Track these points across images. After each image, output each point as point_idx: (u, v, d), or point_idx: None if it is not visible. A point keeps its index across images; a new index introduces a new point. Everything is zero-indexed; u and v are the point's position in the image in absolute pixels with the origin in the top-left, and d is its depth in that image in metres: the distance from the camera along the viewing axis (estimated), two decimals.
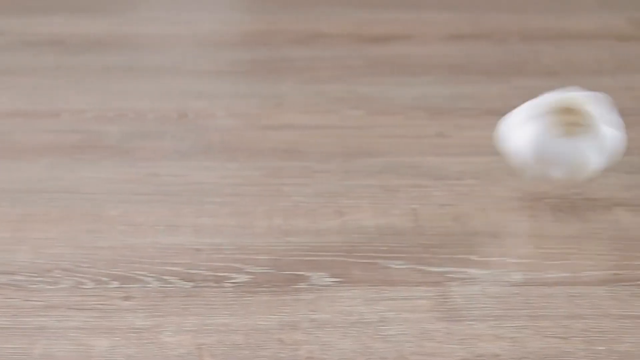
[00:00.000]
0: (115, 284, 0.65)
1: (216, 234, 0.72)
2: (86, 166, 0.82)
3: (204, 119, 0.92)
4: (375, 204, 0.76)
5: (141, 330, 0.61)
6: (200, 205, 0.76)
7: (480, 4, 1.19)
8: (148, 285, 0.66)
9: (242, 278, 0.67)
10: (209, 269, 0.68)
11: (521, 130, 0.70)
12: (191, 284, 0.66)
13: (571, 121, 0.70)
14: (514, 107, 0.90)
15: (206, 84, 0.99)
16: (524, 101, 0.91)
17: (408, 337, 0.60)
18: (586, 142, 0.71)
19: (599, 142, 0.70)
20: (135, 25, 1.14)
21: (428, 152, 0.84)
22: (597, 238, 0.71)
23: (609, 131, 0.71)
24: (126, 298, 0.63)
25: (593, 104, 0.71)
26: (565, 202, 0.76)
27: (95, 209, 0.75)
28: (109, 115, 0.92)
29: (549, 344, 0.60)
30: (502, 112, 0.92)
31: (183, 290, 0.65)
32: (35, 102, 0.95)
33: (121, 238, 0.72)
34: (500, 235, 0.71)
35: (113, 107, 0.94)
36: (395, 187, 0.78)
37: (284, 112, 0.93)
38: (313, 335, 0.61)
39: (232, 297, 0.64)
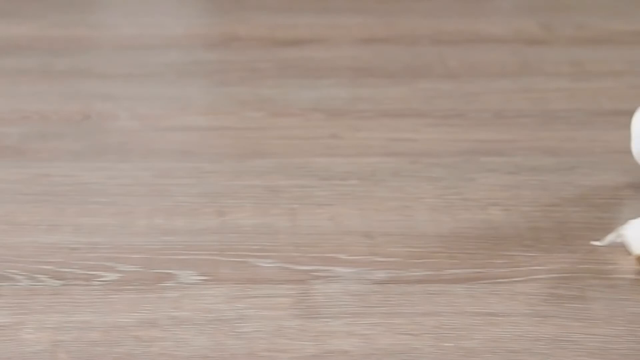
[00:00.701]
0: None
1: (95, 233, 0.73)
2: None
3: (106, 120, 0.93)
4: (256, 204, 0.77)
5: (3, 327, 0.62)
6: (84, 205, 0.77)
7: (395, 8, 1.21)
8: (18, 284, 0.67)
9: (112, 276, 0.68)
10: (81, 268, 0.69)
11: None
12: (61, 282, 0.67)
13: None
14: (412, 108, 0.92)
15: (115, 87, 1.00)
16: (422, 103, 0.93)
17: (262, 334, 0.62)
18: None
19: None
20: (51, 29, 1.15)
21: (319, 153, 0.85)
22: (467, 237, 0.73)
23: None
24: None
25: None
26: (443, 202, 0.77)
27: None
28: (12, 117, 0.93)
29: (399, 341, 0.61)
30: (399, 113, 0.94)
31: (51, 288, 0.67)
32: None
33: (1, 237, 0.73)
34: (373, 234, 0.73)
35: (18, 109, 0.95)
36: (279, 188, 0.80)
37: (186, 114, 0.94)
38: (170, 332, 0.62)
39: (98, 295, 0.66)
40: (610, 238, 0.70)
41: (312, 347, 0.60)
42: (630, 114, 0.91)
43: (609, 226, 0.73)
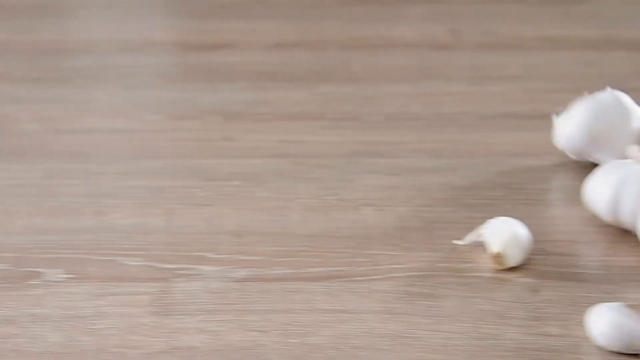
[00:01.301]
0: None
1: None
2: None
3: (7, 123, 0.94)
4: (136, 204, 0.79)
5: None
6: None
7: (310, 15, 1.22)
8: None
9: None
10: None
11: None
12: None
13: None
14: (308, 111, 0.94)
15: (22, 91, 1.01)
16: (319, 106, 0.95)
17: (115, 331, 0.63)
18: None
19: None
20: None
21: (208, 155, 0.87)
22: (335, 237, 0.74)
23: None
24: None
25: None
26: (319, 203, 0.79)
27: None
28: None
29: (247, 337, 0.63)
30: (294, 116, 0.95)
31: None
32: None
33: None
34: (243, 234, 0.74)
35: None
36: (162, 188, 0.81)
37: (87, 117, 0.96)
38: (26, 329, 0.63)
39: None
40: (470, 237, 0.72)
41: (162, 344, 0.62)
42: (519, 116, 0.93)
43: (477, 226, 0.74)
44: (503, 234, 0.70)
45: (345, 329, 0.64)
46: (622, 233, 0.73)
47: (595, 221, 0.75)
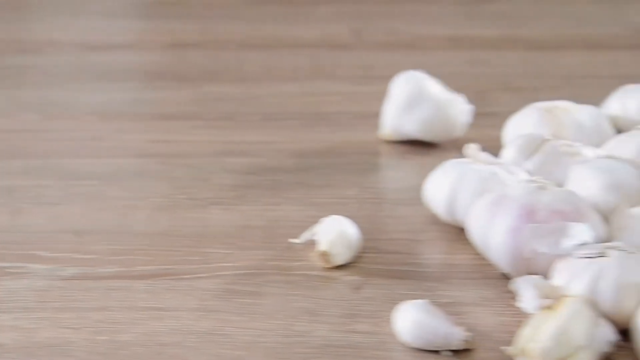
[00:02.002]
0: None
1: None
2: None
3: None
4: None
5: None
6: None
7: (213, 13, 1.23)
8: None
9: None
10: None
11: None
12: None
13: None
14: (188, 111, 0.94)
15: None
16: (201, 106, 0.95)
17: None
18: None
19: None
20: None
21: (73, 155, 0.87)
22: (175, 235, 0.75)
23: None
24: None
25: None
26: (168, 202, 0.79)
27: None
28: None
29: (58, 334, 0.63)
30: (173, 116, 0.96)
31: None
32: None
33: None
34: (85, 233, 0.75)
35: None
36: (16, 187, 0.81)
37: None
38: None
39: None
40: (305, 236, 0.72)
41: None
42: None
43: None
44: (330, 233, 0.70)
45: (157, 326, 0.64)
46: (460, 231, 0.73)
47: (434, 220, 0.76)
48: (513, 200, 0.68)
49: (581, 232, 0.65)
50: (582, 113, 0.83)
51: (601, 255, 0.63)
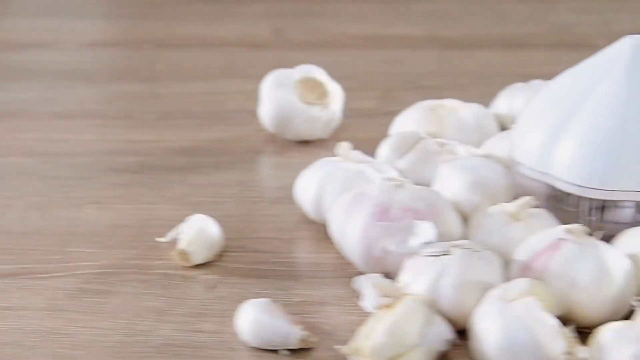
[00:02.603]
0: None
1: None
2: None
3: None
4: None
5: None
6: None
7: (136, 12, 1.23)
8: None
9: None
10: None
11: None
12: None
13: None
14: (89, 110, 0.94)
15: None
16: (103, 105, 0.95)
17: None
18: None
19: None
20: None
21: None
22: (43, 234, 0.74)
23: None
24: None
25: None
26: (44, 201, 0.79)
27: None
28: None
29: None
30: (73, 115, 0.95)
31: None
32: None
33: None
34: None
35: None
36: None
37: None
38: None
39: None
40: (171, 234, 0.71)
41: None
42: None
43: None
44: (190, 232, 0.70)
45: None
46: (327, 230, 0.72)
47: (306, 219, 0.75)
48: (369, 199, 0.67)
49: (426, 231, 0.64)
50: (466, 112, 0.82)
51: (445, 253, 0.62)
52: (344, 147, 0.74)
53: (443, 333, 0.59)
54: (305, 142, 0.88)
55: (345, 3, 1.27)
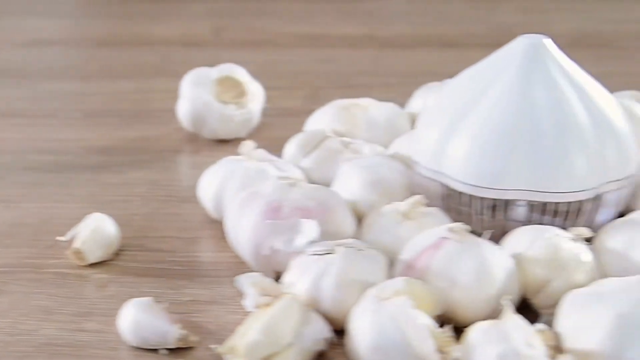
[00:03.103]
0: None
1: None
2: None
3: None
4: None
5: None
6: None
7: (80, 11, 1.23)
8: None
9: None
10: None
11: None
12: None
13: None
14: (14, 109, 0.94)
15: None
16: (29, 103, 0.95)
17: None
18: None
19: None
20: None
21: None
22: None
23: None
24: None
25: None
26: None
27: None
28: None
29: None
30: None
31: None
32: None
33: None
34: None
35: None
36: None
37: None
38: None
39: None
40: (70, 233, 0.71)
41: None
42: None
43: None
44: (85, 231, 0.69)
45: None
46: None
47: (208, 218, 0.75)
48: (261, 197, 0.67)
49: (311, 229, 0.64)
50: (379, 111, 0.82)
51: (329, 252, 0.62)
52: (247, 145, 0.74)
53: (320, 332, 0.59)
54: (224, 141, 0.87)
55: (289, 2, 1.27)
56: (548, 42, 0.68)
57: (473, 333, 0.55)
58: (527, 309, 0.61)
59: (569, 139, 0.65)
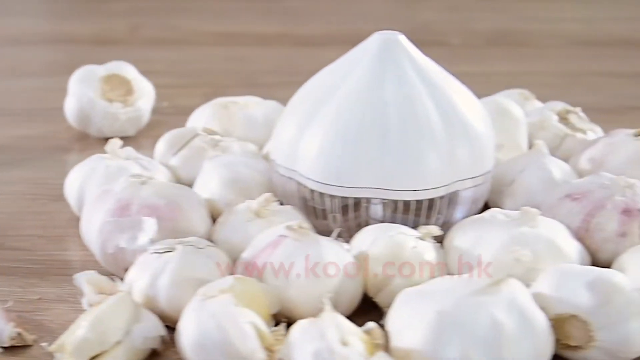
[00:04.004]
0: None
1: None
2: None
3: None
4: None
5: None
6: None
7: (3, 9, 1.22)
8: None
9: None
10: None
11: None
12: None
13: None
14: None
15: None
16: None
17: None
18: None
19: None
20: None
21: None
22: None
23: None
24: None
25: None
26: None
27: None
28: None
29: None
30: None
31: None
32: None
33: None
34: None
35: None
36: None
37: None
38: None
39: None
40: None
41: None
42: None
43: None
44: None
45: None
46: None
47: (75, 216, 0.74)
48: (112, 196, 0.66)
49: (150, 227, 0.63)
50: (258, 109, 0.82)
51: (169, 250, 0.61)
52: (112, 143, 0.74)
53: (152, 330, 0.58)
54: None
55: (207, 0, 1.26)
56: (403, 39, 0.67)
57: (294, 331, 0.55)
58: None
59: (417, 136, 0.64)
